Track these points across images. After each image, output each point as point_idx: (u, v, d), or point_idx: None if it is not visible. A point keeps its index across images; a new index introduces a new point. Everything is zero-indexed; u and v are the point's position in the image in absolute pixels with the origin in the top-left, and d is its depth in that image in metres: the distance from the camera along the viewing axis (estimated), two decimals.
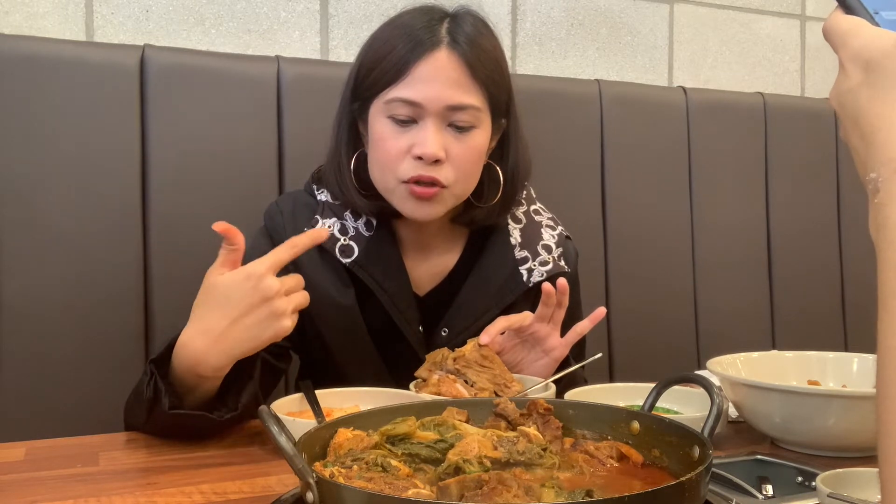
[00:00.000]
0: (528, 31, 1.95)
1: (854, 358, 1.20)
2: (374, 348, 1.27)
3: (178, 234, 1.44)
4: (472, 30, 1.20)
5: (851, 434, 0.97)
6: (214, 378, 1.03)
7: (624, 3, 2.06)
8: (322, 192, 1.30)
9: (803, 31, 2.31)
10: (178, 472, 0.93)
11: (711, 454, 0.66)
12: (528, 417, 0.83)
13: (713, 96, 1.99)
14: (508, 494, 0.63)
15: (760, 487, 0.84)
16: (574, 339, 1.20)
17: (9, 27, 1.51)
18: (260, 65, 1.54)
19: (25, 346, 1.35)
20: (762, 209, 2.01)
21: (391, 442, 0.75)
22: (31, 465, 0.96)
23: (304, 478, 0.62)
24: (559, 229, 1.38)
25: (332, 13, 1.75)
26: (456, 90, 1.17)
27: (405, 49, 1.17)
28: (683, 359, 1.86)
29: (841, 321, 2.08)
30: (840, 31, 0.61)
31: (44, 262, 1.36)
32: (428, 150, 1.16)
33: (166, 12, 1.62)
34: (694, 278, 1.91)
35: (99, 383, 1.37)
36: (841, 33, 0.61)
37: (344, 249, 1.25)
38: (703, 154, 1.93)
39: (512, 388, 1.11)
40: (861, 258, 2.07)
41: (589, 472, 0.74)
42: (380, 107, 1.20)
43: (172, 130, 1.45)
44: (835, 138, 2.09)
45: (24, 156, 1.36)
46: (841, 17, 0.61)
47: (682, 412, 1.05)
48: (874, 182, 0.56)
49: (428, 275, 1.31)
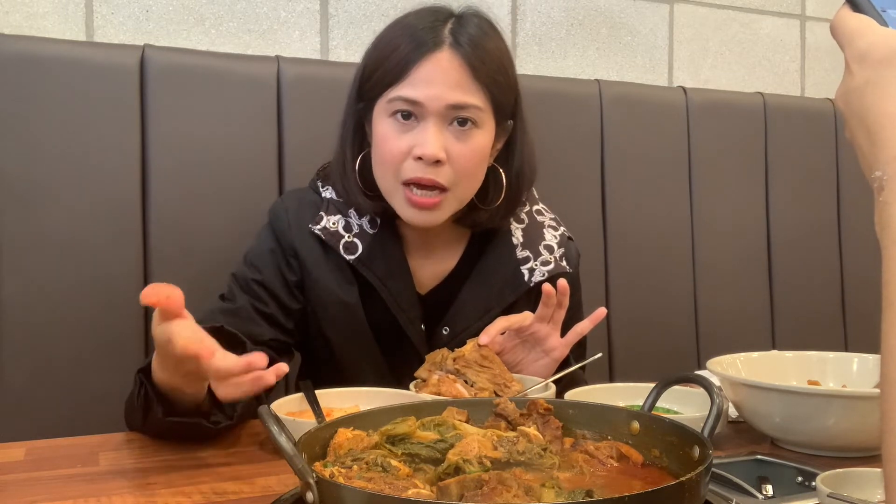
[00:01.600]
0: (528, 31, 1.95)
1: (854, 358, 1.20)
2: (375, 346, 1.27)
3: (178, 234, 1.44)
4: (476, 31, 1.20)
5: (851, 434, 0.97)
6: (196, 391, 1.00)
7: (624, 3, 2.06)
8: (327, 190, 1.31)
9: (803, 31, 2.31)
10: (177, 473, 0.93)
11: (711, 454, 0.65)
12: (528, 417, 0.83)
13: (713, 96, 1.99)
14: (508, 494, 0.63)
15: (760, 487, 0.84)
16: (574, 339, 1.20)
17: (9, 27, 1.51)
18: (260, 65, 1.54)
19: (25, 347, 1.35)
20: (762, 209, 2.01)
21: (391, 442, 0.75)
22: (31, 465, 0.96)
23: (304, 478, 0.62)
24: (561, 230, 1.38)
25: (332, 13, 1.75)
26: (457, 90, 1.17)
27: (408, 49, 1.17)
28: (683, 359, 1.86)
29: (841, 321, 2.08)
30: (847, 29, 0.61)
31: (44, 262, 1.36)
32: (428, 150, 1.16)
33: (166, 12, 1.62)
34: (694, 278, 1.91)
35: (99, 383, 1.37)
36: (848, 32, 0.60)
37: (348, 246, 1.25)
38: (703, 154, 1.93)
39: (512, 388, 1.11)
40: (861, 258, 2.07)
41: (589, 472, 0.74)
42: (382, 106, 1.20)
43: (172, 130, 1.45)
44: (835, 138, 2.09)
45: (24, 156, 1.36)
46: (848, 15, 0.61)
47: (682, 412, 1.05)
48: (879, 180, 0.56)
49: (430, 273, 1.31)
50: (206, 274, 1.40)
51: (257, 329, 1.21)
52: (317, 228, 1.25)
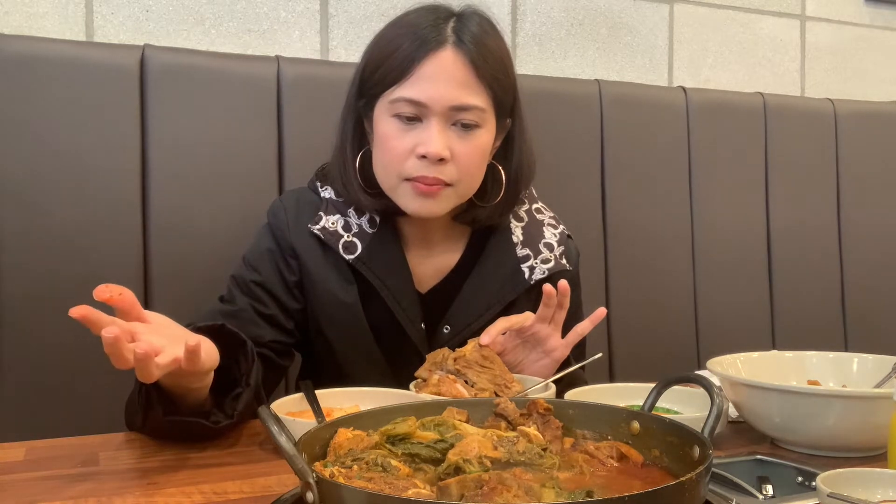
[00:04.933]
0: (528, 31, 1.96)
1: (854, 358, 1.20)
2: (375, 345, 1.27)
3: (178, 233, 1.44)
4: (477, 29, 1.20)
5: (851, 434, 0.97)
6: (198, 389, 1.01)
7: (624, 3, 2.06)
8: (326, 190, 1.31)
9: (803, 31, 2.31)
10: (178, 472, 0.93)
11: (711, 454, 0.66)
12: (528, 417, 0.83)
13: (713, 96, 1.99)
14: (508, 494, 0.63)
15: (760, 487, 0.84)
16: (575, 339, 1.20)
17: (9, 27, 1.51)
18: (260, 65, 1.54)
19: (25, 347, 1.35)
20: (762, 209, 2.01)
21: (391, 442, 0.75)
22: (31, 465, 0.96)
23: (304, 478, 0.62)
24: (561, 228, 1.38)
25: (332, 13, 1.75)
26: (461, 90, 1.17)
27: (410, 48, 1.17)
28: (683, 359, 1.86)
29: (841, 321, 2.08)
30: None
31: (44, 262, 1.36)
32: (432, 149, 1.16)
33: (166, 12, 1.62)
34: (694, 278, 1.91)
35: (99, 383, 1.37)
36: None
37: (347, 246, 1.25)
38: (703, 154, 1.93)
39: (512, 388, 1.11)
40: (861, 258, 2.07)
41: (589, 472, 0.74)
42: (385, 105, 1.20)
43: (172, 130, 1.45)
44: (835, 138, 2.09)
45: (24, 156, 1.36)
46: None
47: (682, 412, 1.05)
48: None
49: (430, 272, 1.31)
50: (206, 273, 1.40)
51: (258, 331, 1.21)
52: (316, 228, 1.25)
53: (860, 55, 2.40)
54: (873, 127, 2.15)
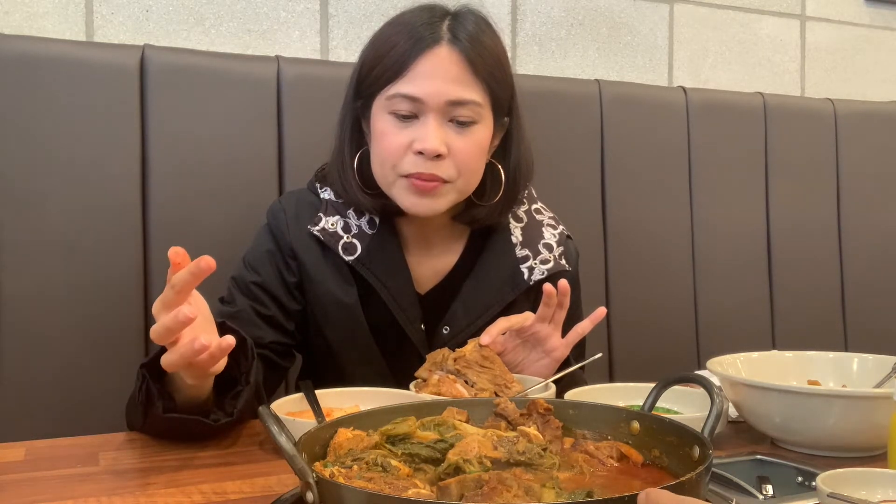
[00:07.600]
0: (528, 31, 1.96)
1: (854, 358, 1.20)
2: (375, 346, 1.27)
3: (178, 234, 1.44)
4: (473, 27, 1.20)
5: (851, 434, 0.97)
6: (199, 387, 1.01)
7: (624, 3, 2.06)
8: (325, 191, 1.31)
9: (803, 31, 2.31)
10: (178, 472, 0.93)
11: (711, 454, 0.66)
12: (528, 417, 0.83)
13: (713, 96, 1.99)
14: (508, 494, 0.63)
15: (760, 487, 0.84)
16: (575, 339, 1.21)
17: (9, 27, 1.51)
18: (260, 65, 1.54)
19: (25, 346, 1.35)
20: (762, 209, 2.01)
21: (391, 442, 0.75)
22: (31, 465, 0.96)
23: (304, 478, 0.62)
24: (560, 228, 1.38)
25: (332, 13, 1.75)
26: (456, 86, 1.17)
27: (406, 46, 1.18)
28: (683, 359, 1.86)
29: (841, 321, 2.08)
30: None
31: (44, 262, 1.36)
32: (429, 145, 1.16)
33: (166, 12, 1.62)
34: (694, 278, 1.91)
35: (99, 383, 1.37)
36: None
37: (347, 247, 1.25)
38: (703, 154, 1.93)
39: (512, 388, 1.11)
40: (861, 258, 2.07)
41: (589, 472, 0.74)
42: (381, 103, 1.20)
43: (172, 130, 1.45)
44: (835, 138, 2.09)
45: (24, 156, 1.36)
46: None
47: (682, 412, 1.05)
48: None
49: (430, 273, 1.31)
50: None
51: (258, 332, 1.21)
52: (315, 229, 1.25)
53: (860, 55, 2.40)
54: (873, 127, 2.15)
